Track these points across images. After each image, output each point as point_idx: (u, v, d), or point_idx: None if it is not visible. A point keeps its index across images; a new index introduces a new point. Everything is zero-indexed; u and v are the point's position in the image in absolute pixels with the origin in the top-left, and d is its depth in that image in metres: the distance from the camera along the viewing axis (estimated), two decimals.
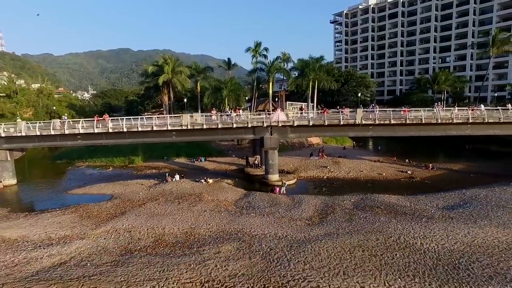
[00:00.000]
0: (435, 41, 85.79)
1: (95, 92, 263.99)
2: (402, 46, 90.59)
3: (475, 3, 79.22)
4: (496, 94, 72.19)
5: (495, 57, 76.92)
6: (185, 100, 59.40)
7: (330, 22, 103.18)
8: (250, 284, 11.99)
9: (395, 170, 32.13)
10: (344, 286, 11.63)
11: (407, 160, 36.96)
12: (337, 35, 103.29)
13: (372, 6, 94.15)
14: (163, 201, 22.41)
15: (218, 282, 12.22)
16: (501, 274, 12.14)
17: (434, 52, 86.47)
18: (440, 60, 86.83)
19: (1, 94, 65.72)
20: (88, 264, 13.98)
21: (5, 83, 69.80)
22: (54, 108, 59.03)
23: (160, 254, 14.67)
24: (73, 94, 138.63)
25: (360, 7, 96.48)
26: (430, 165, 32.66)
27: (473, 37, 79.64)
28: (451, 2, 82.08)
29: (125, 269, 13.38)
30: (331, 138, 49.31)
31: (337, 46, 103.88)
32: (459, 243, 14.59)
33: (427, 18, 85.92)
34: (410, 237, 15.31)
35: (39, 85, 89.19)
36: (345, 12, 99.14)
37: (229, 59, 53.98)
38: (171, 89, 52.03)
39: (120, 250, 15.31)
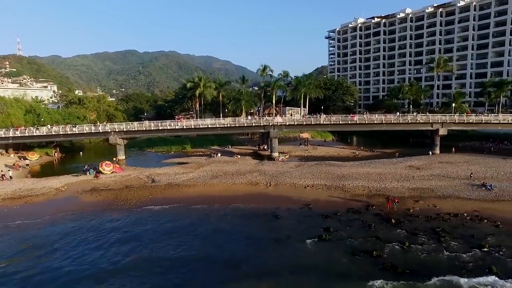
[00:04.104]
0: (410, 56, 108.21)
1: (102, 93, 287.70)
2: (384, 59, 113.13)
3: (440, 25, 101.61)
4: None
5: (457, 69, 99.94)
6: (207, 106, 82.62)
7: (325, 38, 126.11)
8: (265, 181, 34.90)
9: (349, 152, 54.98)
10: (298, 181, 34.50)
11: (362, 147, 59.79)
12: (331, 48, 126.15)
13: (359, 25, 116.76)
14: (218, 163, 45.43)
15: (253, 181, 35.27)
16: (356, 178, 34.95)
17: (410, 65, 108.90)
18: (415, 71, 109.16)
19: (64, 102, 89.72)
20: (203, 178, 36.98)
21: (67, 90, 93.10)
22: (112, 112, 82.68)
23: (229, 176, 37.62)
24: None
25: (350, 25, 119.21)
26: (397, 153, 53.02)
27: (439, 53, 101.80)
28: (422, 24, 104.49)
29: (216, 179, 36.41)
30: (317, 134, 71.92)
31: (331, 58, 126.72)
32: (350, 172, 37.53)
33: (403, 36, 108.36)
34: (332, 170, 38.31)
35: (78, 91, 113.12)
36: (337, 29, 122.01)
37: (243, 76, 77.05)
38: (202, 98, 75.05)
39: (210, 176, 38.23)
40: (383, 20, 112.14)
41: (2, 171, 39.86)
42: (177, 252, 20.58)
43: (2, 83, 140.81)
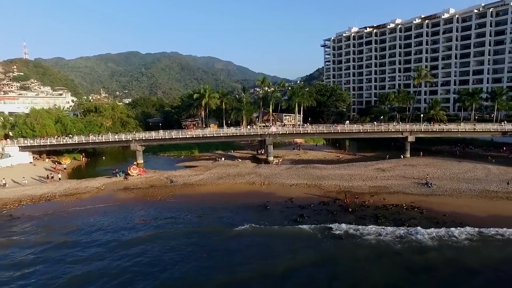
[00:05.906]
0: (400, 63, 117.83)
1: (106, 95, 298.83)
2: (375, 66, 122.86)
3: (427, 36, 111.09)
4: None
5: (442, 77, 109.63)
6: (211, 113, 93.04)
7: (321, 46, 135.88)
8: (260, 181, 45.15)
9: (334, 156, 65.02)
10: (285, 181, 44.71)
11: (347, 151, 69.81)
12: (326, 56, 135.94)
13: (353, 34, 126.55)
14: (222, 166, 55.60)
15: (251, 181, 45.61)
16: (331, 178, 45.02)
17: (400, 72, 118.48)
18: (404, 78, 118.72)
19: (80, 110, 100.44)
20: (211, 178, 47.25)
21: (84, 99, 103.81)
22: (125, 119, 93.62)
23: (231, 177, 47.80)
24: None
25: (344, 34, 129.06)
26: (387, 156, 63.18)
27: (426, 61, 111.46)
28: (410, 34, 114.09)
29: (222, 180, 46.70)
30: (309, 139, 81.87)
31: (327, 64, 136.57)
32: (328, 173, 47.67)
33: (393, 45, 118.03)
34: (314, 172, 48.46)
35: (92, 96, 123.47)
36: (332, 38, 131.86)
37: (244, 87, 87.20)
38: (207, 107, 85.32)
39: (216, 177, 48.44)
40: (375, 30, 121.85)
41: (51, 173, 50.30)
42: (193, 224, 31.23)
43: (11, 87, 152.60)
